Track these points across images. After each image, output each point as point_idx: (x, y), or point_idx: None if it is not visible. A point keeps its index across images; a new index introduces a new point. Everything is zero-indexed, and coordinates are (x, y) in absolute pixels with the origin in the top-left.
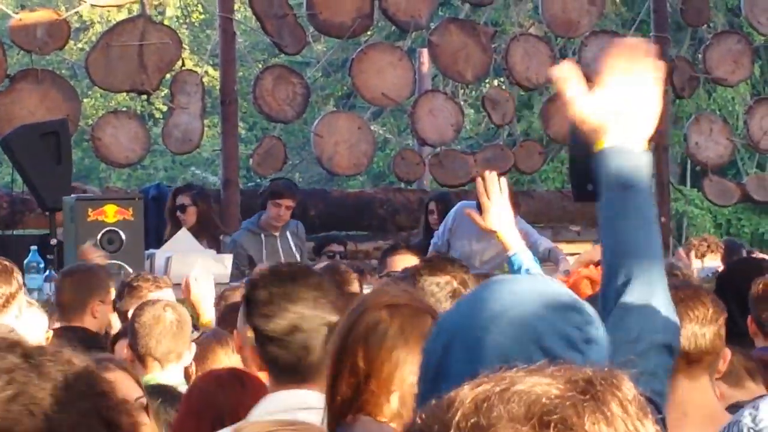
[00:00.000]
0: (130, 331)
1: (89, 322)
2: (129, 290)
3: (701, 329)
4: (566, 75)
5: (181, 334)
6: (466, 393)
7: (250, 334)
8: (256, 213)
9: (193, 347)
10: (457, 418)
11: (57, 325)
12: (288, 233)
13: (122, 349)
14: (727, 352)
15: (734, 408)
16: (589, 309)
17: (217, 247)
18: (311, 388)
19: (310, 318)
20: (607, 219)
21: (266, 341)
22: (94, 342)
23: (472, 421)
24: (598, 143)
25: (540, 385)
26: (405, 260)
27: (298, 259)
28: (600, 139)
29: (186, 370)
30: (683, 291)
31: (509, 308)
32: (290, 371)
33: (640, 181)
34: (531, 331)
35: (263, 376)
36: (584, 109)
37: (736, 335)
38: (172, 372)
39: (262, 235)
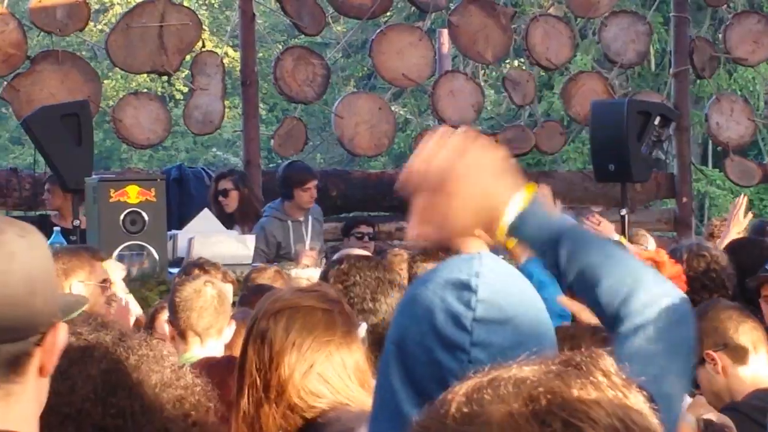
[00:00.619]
0: (170, 306)
1: None
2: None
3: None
4: None
5: (221, 309)
6: (457, 389)
7: None
8: (275, 193)
9: (233, 324)
10: (451, 411)
11: None
12: (310, 217)
13: (161, 324)
14: None
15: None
16: (493, 288)
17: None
18: None
19: None
20: (574, 277)
21: None
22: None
23: (465, 410)
24: (499, 233)
25: (525, 369)
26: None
27: (321, 242)
28: (497, 232)
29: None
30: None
31: (419, 285)
32: None
33: (562, 224)
34: (426, 310)
35: None
36: None
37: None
38: (212, 348)
39: (289, 222)
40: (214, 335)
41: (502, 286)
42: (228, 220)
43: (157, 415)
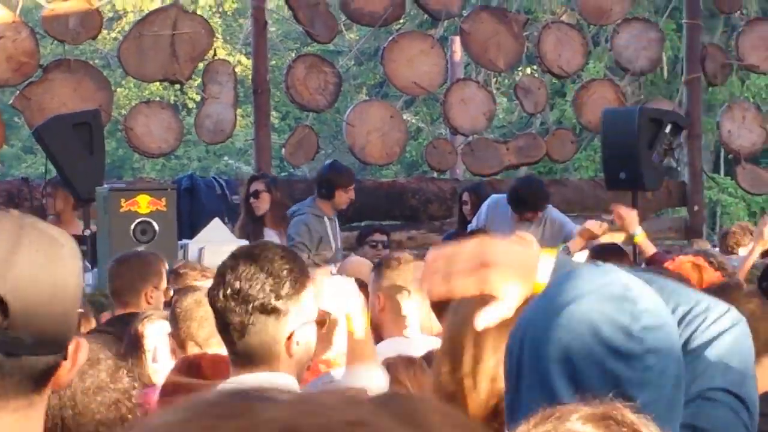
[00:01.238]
0: (171, 317)
1: (145, 309)
2: (175, 277)
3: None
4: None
5: None
6: None
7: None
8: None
9: None
10: None
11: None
12: (335, 218)
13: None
14: None
15: None
16: (645, 297)
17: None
18: (270, 370)
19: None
20: None
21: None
22: None
23: None
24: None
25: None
26: None
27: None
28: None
29: None
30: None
31: (568, 303)
32: (232, 353)
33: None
34: (588, 325)
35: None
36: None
37: None
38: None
39: (325, 218)
40: (215, 345)
41: (648, 293)
42: (258, 223)
43: (89, 419)
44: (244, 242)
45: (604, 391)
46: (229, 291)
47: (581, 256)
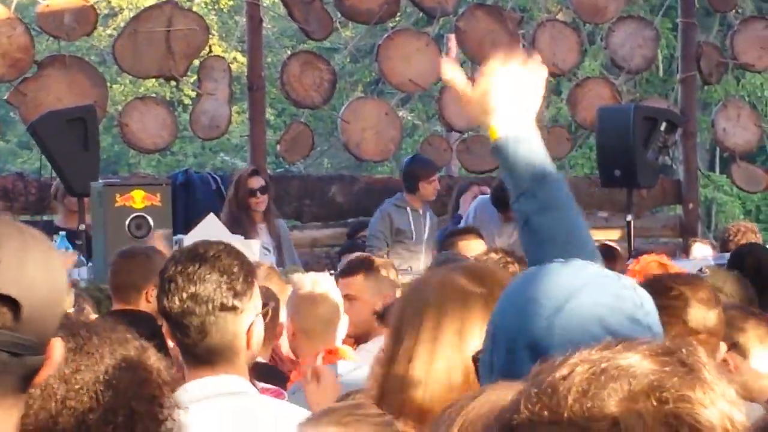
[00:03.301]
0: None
1: (144, 307)
2: None
3: (708, 312)
4: (453, 73)
5: None
6: (564, 379)
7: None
8: (282, 198)
9: None
10: (568, 403)
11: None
12: (428, 212)
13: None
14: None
15: None
16: (636, 284)
17: (272, 231)
18: (227, 373)
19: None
20: (532, 214)
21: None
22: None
23: (586, 404)
24: (490, 133)
25: (633, 361)
26: (471, 245)
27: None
28: (490, 126)
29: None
30: (684, 278)
31: (566, 301)
32: (191, 355)
33: (550, 168)
34: (595, 319)
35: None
36: (472, 92)
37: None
38: None
39: (408, 209)
40: None
41: (636, 284)
42: (251, 218)
43: (122, 394)
44: (239, 238)
45: None
46: (184, 295)
47: None
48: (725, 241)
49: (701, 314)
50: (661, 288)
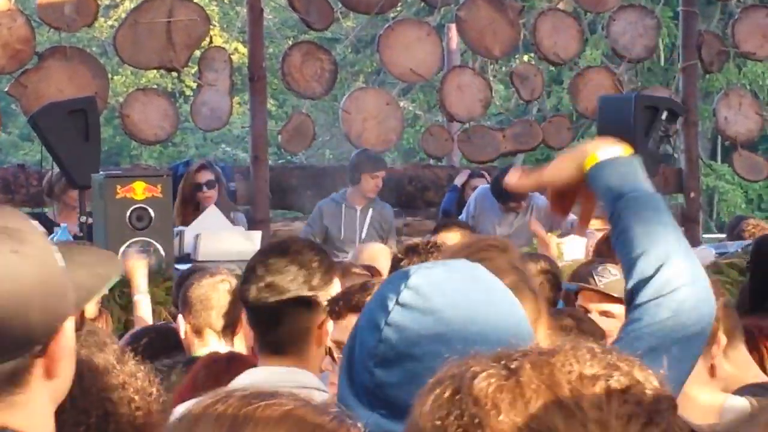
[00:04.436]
0: (183, 302)
1: None
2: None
3: None
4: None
5: (238, 304)
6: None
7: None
8: (284, 189)
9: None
10: None
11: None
12: (371, 210)
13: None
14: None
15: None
16: (424, 278)
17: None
18: (296, 365)
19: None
20: (615, 236)
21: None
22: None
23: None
24: (589, 160)
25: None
26: (454, 237)
27: (391, 240)
28: (589, 156)
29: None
30: None
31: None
32: (263, 343)
33: (630, 186)
34: (369, 303)
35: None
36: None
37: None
38: (229, 343)
39: (343, 207)
40: (229, 334)
41: (437, 281)
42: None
43: (95, 396)
44: (240, 229)
45: (365, 377)
46: (262, 284)
47: (572, 244)
48: (738, 232)
49: None
50: None
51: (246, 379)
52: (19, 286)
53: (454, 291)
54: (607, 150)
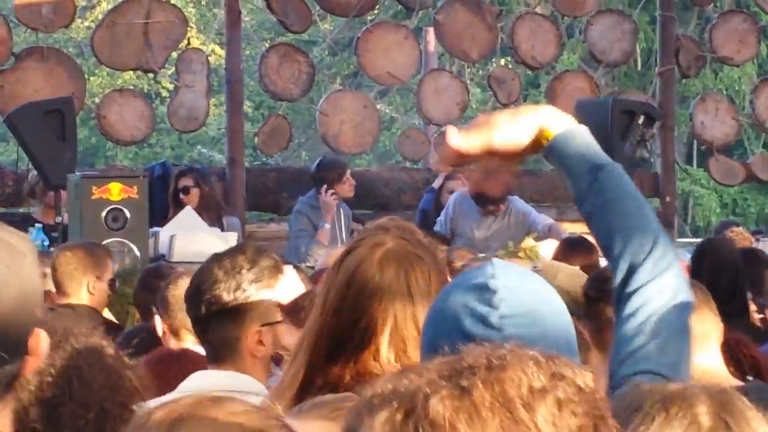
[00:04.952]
0: (161, 303)
1: (88, 300)
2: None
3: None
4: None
5: None
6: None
7: None
8: (260, 191)
9: None
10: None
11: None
12: (341, 209)
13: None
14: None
15: None
16: (508, 286)
17: (221, 226)
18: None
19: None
20: (597, 207)
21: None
22: (96, 320)
23: None
24: (544, 137)
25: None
26: None
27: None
28: (542, 129)
29: None
30: None
31: (439, 301)
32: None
33: (605, 157)
34: (450, 318)
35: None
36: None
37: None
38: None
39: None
40: None
41: (517, 282)
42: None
43: (95, 392)
44: (216, 230)
45: None
46: (190, 291)
47: (549, 248)
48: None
49: None
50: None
51: (190, 384)
52: (38, 287)
53: (530, 286)
54: (558, 119)
